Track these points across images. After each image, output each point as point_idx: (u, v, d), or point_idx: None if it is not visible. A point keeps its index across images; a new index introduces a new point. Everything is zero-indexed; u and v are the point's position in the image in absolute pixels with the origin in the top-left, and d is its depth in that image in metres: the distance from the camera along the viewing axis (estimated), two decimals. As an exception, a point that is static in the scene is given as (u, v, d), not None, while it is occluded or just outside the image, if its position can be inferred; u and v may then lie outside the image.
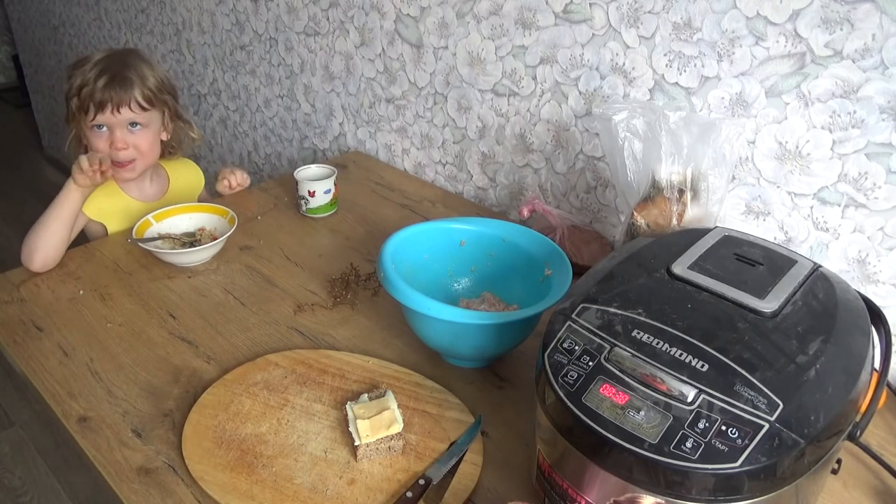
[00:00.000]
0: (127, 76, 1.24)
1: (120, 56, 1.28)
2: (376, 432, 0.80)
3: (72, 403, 0.89)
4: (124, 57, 1.28)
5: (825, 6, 0.88)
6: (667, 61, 1.06)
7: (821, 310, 0.67)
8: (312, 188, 1.31)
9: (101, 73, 1.22)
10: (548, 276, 0.95)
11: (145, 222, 1.21)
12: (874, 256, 0.95)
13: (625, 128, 0.95)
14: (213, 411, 0.86)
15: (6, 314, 1.05)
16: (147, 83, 1.26)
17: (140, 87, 1.25)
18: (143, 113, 1.26)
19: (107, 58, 1.26)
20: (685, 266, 0.72)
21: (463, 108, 1.41)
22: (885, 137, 0.89)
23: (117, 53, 1.29)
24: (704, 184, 0.94)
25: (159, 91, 1.29)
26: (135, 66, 1.26)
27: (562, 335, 0.68)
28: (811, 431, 0.57)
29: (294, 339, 1.02)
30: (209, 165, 2.39)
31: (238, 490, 0.76)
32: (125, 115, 1.24)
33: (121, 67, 1.24)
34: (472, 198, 1.48)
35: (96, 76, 1.22)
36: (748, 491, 0.58)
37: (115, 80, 1.22)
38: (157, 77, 1.29)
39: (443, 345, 0.95)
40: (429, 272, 1.02)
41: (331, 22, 1.61)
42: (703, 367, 0.61)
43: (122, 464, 0.81)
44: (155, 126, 1.30)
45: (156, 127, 1.31)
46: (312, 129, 1.85)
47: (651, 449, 0.58)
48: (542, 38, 1.21)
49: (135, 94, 1.24)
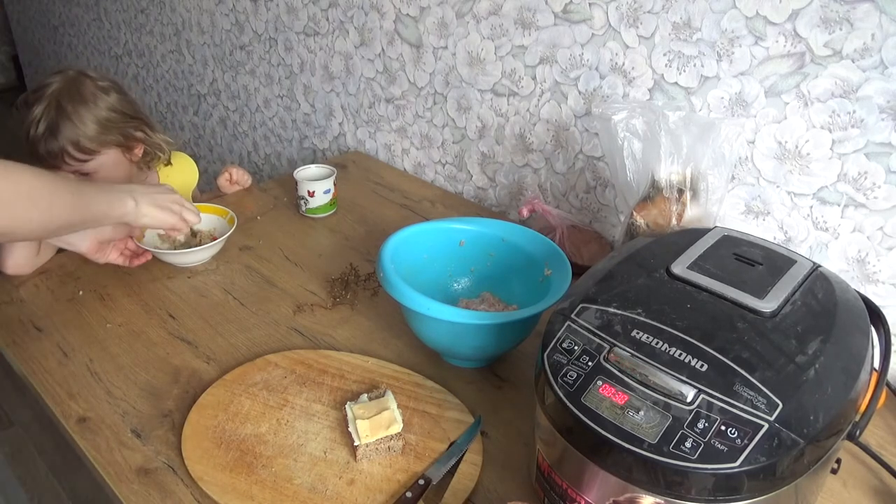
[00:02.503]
0: (57, 128, 1.18)
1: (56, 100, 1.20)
2: (376, 432, 0.80)
3: (71, 404, 0.89)
4: (60, 100, 1.20)
5: (824, 6, 0.88)
6: (666, 61, 1.06)
7: (820, 309, 0.67)
8: (312, 188, 1.31)
9: (37, 124, 1.18)
10: (547, 276, 0.95)
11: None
12: (874, 256, 0.95)
13: (624, 128, 0.95)
14: (213, 412, 0.86)
15: (6, 315, 1.05)
16: (82, 132, 1.21)
17: (72, 141, 1.20)
18: (85, 164, 1.23)
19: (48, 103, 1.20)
20: (684, 266, 0.72)
21: (463, 108, 1.41)
22: (884, 137, 0.89)
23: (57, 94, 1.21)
24: (704, 184, 0.94)
25: (103, 132, 1.23)
26: (68, 113, 1.20)
27: (561, 335, 0.68)
28: (810, 431, 0.57)
29: (294, 340, 1.02)
30: (209, 165, 2.39)
31: (237, 490, 0.76)
32: (66, 169, 1.22)
33: (55, 115, 1.19)
34: (472, 198, 1.48)
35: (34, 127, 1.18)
36: (747, 491, 0.58)
37: (46, 136, 1.18)
38: (97, 116, 1.23)
39: (442, 345, 0.94)
40: (428, 272, 1.02)
41: (330, 22, 1.61)
42: (702, 367, 0.61)
43: (121, 464, 0.81)
44: (109, 166, 1.26)
45: (110, 166, 1.27)
46: (312, 129, 1.85)
47: (650, 449, 0.58)
48: (542, 38, 1.21)
49: (67, 149, 1.20)
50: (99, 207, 0.92)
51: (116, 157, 1.29)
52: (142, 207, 0.98)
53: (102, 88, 1.27)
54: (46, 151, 1.20)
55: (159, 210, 1.01)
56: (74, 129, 1.21)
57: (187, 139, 2.45)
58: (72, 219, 0.88)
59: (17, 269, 1.12)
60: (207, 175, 2.38)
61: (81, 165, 1.24)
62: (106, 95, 1.27)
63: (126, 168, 1.32)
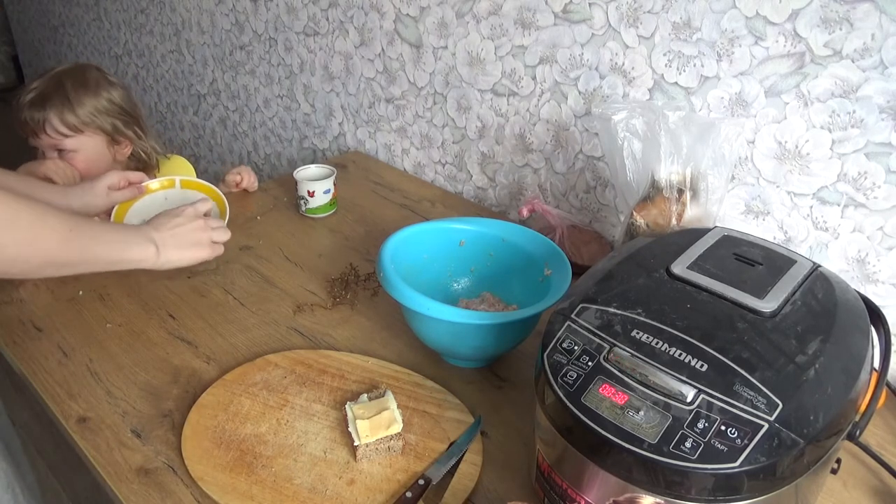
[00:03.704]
0: (49, 99, 1.19)
1: (59, 76, 1.23)
2: (376, 432, 0.80)
3: (71, 404, 0.89)
4: (63, 77, 1.23)
5: (824, 6, 0.88)
6: (666, 61, 1.06)
7: (820, 309, 0.67)
8: (312, 188, 1.31)
9: (30, 92, 1.19)
10: (547, 276, 0.95)
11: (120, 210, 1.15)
12: (874, 256, 0.95)
13: (624, 128, 0.95)
14: (213, 412, 0.86)
15: (5, 315, 1.05)
16: (72, 108, 1.21)
17: (59, 112, 1.19)
18: (66, 139, 1.22)
19: (50, 77, 1.22)
20: (684, 266, 0.72)
21: (462, 107, 1.41)
22: (884, 137, 0.89)
23: (62, 73, 1.24)
24: (704, 183, 0.94)
25: (95, 114, 1.23)
26: (66, 89, 1.20)
27: (561, 335, 0.68)
28: (810, 431, 0.57)
29: (293, 340, 1.02)
30: (209, 165, 2.39)
31: (237, 490, 0.76)
32: (45, 140, 1.21)
33: (52, 88, 1.20)
34: (472, 198, 1.48)
35: (29, 99, 1.19)
36: (747, 491, 0.58)
37: (35, 103, 1.19)
38: (95, 101, 1.24)
39: (442, 345, 0.94)
40: (428, 272, 1.02)
41: (330, 22, 1.61)
42: (702, 367, 0.61)
43: (121, 464, 0.81)
44: (89, 151, 1.25)
45: (91, 151, 1.26)
46: (312, 129, 1.85)
47: (650, 449, 0.58)
48: (542, 37, 1.21)
49: (51, 120, 1.19)
50: (109, 248, 0.82)
51: (99, 145, 1.27)
52: (165, 253, 0.89)
53: (109, 82, 1.29)
54: (29, 118, 1.19)
55: (185, 250, 0.92)
56: (65, 104, 1.21)
57: (187, 139, 2.45)
58: (67, 256, 0.77)
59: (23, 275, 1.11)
60: (207, 175, 2.38)
61: (60, 140, 1.22)
62: (110, 88, 1.28)
63: (106, 161, 1.29)
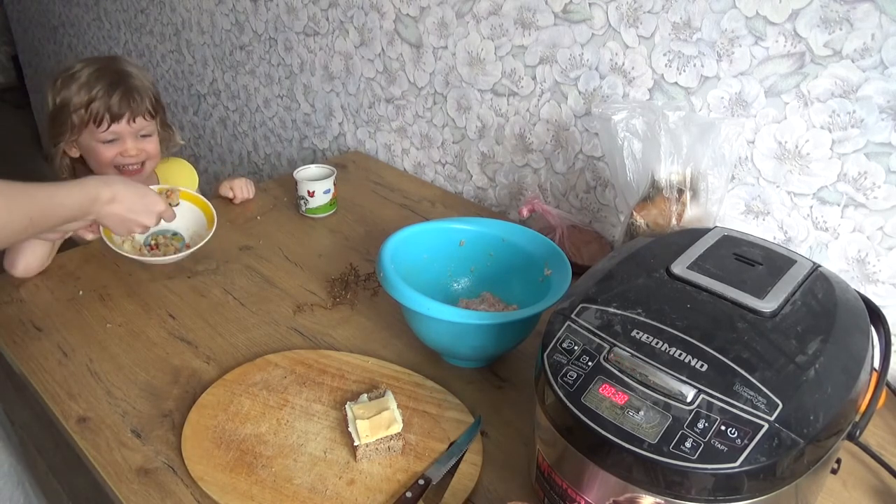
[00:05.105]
0: (138, 87, 1.25)
1: (115, 66, 1.26)
2: (376, 432, 0.80)
3: (71, 404, 0.89)
4: (119, 65, 1.27)
5: (824, 6, 0.88)
6: (666, 61, 1.06)
7: (820, 309, 0.67)
8: (312, 188, 1.31)
9: (112, 86, 1.22)
10: (547, 276, 0.95)
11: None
12: (874, 256, 0.95)
13: (624, 128, 0.95)
14: (213, 412, 0.86)
15: (5, 314, 1.05)
16: (151, 92, 1.28)
17: (149, 96, 1.26)
18: (152, 121, 1.28)
19: (105, 69, 1.24)
20: (684, 266, 0.72)
21: (462, 107, 1.41)
22: (884, 137, 0.89)
23: (110, 64, 1.27)
24: (704, 183, 0.94)
25: (157, 99, 1.30)
26: (137, 77, 1.27)
27: (561, 335, 0.68)
28: (811, 431, 0.57)
29: (293, 340, 1.02)
30: (209, 165, 2.39)
31: (237, 490, 0.76)
32: (139, 125, 1.25)
33: (126, 78, 1.25)
34: (472, 198, 1.48)
35: (107, 89, 1.21)
36: (748, 491, 0.58)
37: (129, 93, 1.23)
38: (154, 85, 1.31)
39: (442, 345, 0.94)
40: (428, 272, 1.02)
41: (330, 22, 1.61)
42: (702, 367, 0.61)
43: (121, 464, 0.81)
44: (156, 133, 1.31)
45: (157, 132, 1.32)
46: (312, 129, 1.85)
47: (650, 449, 0.58)
48: (542, 38, 1.21)
49: (146, 105, 1.26)
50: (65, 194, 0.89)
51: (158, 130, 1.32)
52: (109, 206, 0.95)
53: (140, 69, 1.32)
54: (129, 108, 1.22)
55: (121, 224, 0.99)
56: (148, 89, 1.27)
57: (187, 139, 2.45)
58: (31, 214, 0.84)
59: (27, 272, 1.12)
60: (207, 175, 2.38)
61: (151, 122, 1.27)
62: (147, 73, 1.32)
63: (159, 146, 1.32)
